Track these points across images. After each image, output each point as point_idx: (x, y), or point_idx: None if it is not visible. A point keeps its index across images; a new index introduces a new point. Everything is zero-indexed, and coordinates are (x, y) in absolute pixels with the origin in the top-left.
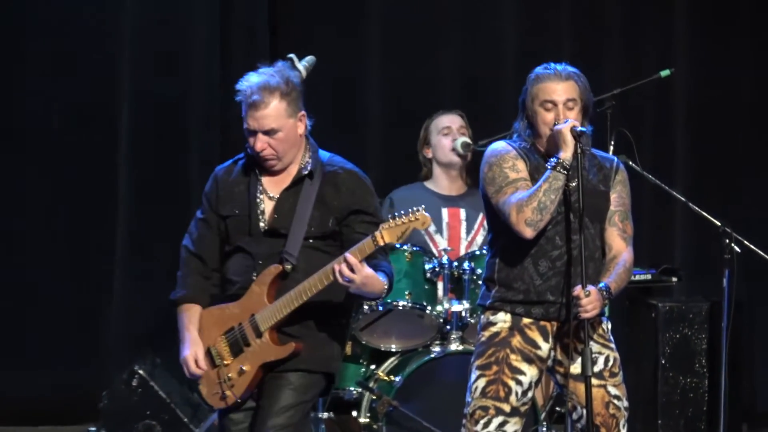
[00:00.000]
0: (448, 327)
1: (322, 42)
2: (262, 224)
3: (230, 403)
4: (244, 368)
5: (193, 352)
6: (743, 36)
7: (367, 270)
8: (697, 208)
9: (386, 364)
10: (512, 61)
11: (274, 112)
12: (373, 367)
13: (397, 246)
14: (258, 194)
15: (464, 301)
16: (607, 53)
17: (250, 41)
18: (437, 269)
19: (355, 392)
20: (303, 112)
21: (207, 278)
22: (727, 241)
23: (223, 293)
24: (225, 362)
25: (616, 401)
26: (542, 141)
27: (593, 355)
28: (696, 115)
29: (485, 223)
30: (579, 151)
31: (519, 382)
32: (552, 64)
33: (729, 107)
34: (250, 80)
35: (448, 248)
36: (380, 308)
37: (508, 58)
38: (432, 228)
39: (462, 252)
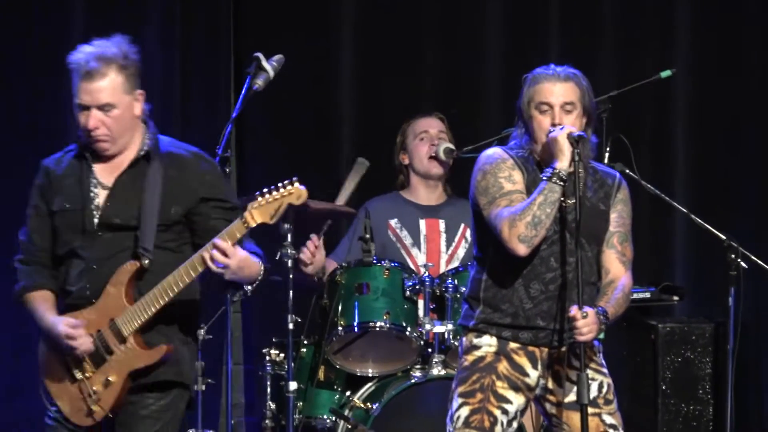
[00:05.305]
0: (430, 350)
1: (290, 40)
2: (96, 220)
3: (99, 418)
4: (110, 379)
5: (64, 324)
6: (750, 36)
7: (241, 253)
8: (699, 221)
9: (362, 390)
10: (497, 61)
11: (110, 85)
12: (348, 393)
13: (374, 261)
14: (92, 187)
15: (447, 322)
16: (601, 52)
17: (211, 39)
18: (417, 286)
19: (328, 421)
20: (141, 91)
21: (50, 273)
22: (733, 256)
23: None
24: (86, 375)
25: (612, 431)
26: (539, 149)
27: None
28: (698, 120)
29: (467, 234)
30: (577, 158)
31: (505, 412)
32: (552, 65)
33: (734, 111)
34: (85, 50)
35: (429, 264)
36: (356, 329)
37: (492, 56)
38: (409, 241)
39: (442, 267)
